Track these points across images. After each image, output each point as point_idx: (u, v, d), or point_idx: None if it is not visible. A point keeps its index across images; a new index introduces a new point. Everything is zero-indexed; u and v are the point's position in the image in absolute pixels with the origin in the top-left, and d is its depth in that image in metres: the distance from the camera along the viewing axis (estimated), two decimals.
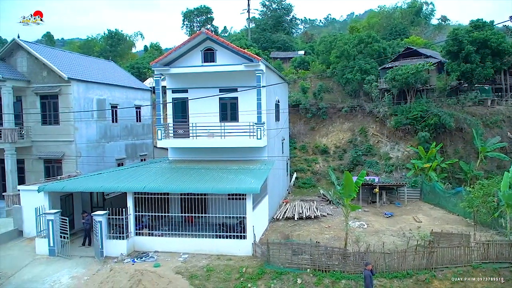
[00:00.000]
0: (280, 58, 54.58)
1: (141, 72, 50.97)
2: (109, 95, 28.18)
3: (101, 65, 32.20)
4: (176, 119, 23.39)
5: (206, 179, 18.94)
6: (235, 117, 22.71)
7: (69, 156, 24.66)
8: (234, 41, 50.53)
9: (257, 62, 21.17)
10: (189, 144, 22.41)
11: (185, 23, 64.54)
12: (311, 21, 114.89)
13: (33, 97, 25.31)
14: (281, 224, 22.65)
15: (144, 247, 18.66)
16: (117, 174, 21.26)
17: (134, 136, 31.29)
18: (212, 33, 27.38)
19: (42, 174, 25.12)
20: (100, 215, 17.94)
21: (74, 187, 19.54)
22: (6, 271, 17.21)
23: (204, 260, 17.28)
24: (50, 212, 18.53)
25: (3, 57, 25.81)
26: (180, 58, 22.66)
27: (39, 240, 18.74)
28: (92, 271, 16.78)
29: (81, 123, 25.19)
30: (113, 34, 64.28)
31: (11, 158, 24.04)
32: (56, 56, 27.13)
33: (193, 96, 22.62)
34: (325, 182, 32.86)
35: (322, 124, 38.48)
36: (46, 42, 65.90)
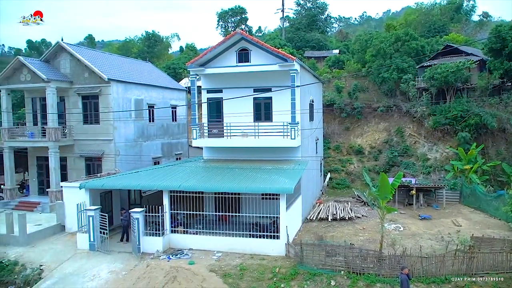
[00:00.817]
0: (314, 57, 54.14)
1: (177, 72, 51.92)
2: (146, 95, 28.92)
3: (139, 66, 33.09)
4: (211, 119, 23.68)
5: (240, 178, 19.08)
6: (269, 117, 22.74)
7: (109, 154, 25.50)
8: (268, 40, 50.58)
9: (292, 62, 21.11)
10: (223, 144, 22.65)
11: (220, 23, 65.18)
12: (346, 19, 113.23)
13: (75, 98, 26.36)
14: (315, 225, 22.50)
15: (179, 244, 19.03)
16: (154, 172, 21.79)
17: (170, 135, 31.95)
18: (247, 33, 27.54)
19: (83, 172, 26.14)
20: (138, 212, 18.46)
21: (113, 184, 20.20)
22: (50, 264, 18.03)
23: (237, 259, 17.43)
24: (91, 208, 19.23)
25: (48, 59, 27.03)
26: (215, 58, 22.92)
27: (80, 235, 19.50)
28: (130, 266, 17.29)
29: (119, 122, 25.99)
30: (150, 35, 65.85)
31: (54, 156, 25.15)
32: (97, 57, 28.13)
33: (227, 96, 22.84)
34: (360, 183, 32.34)
35: (357, 124, 37.89)
36: (87, 44, 68.39)
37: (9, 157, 26.77)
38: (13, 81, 26.21)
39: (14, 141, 26.67)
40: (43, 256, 18.80)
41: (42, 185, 27.97)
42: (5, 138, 26.69)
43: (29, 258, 18.61)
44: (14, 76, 26.08)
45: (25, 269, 17.90)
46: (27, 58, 27.04)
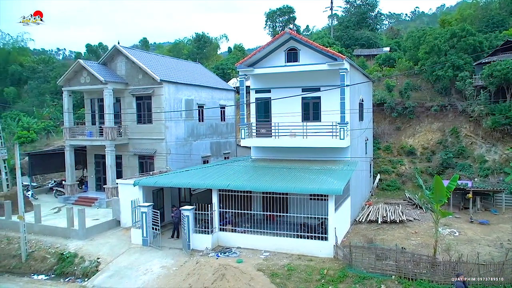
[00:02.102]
0: (363, 55, 52.93)
1: (225, 72, 52.70)
2: (196, 95, 29.62)
3: (189, 67, 33.95)
4: (259, 119, 23.83)
5: (288, 178, 19.06)
6: (318, 116, 22.52)
7: (160, 153, 26.39)
8: (316, 39, 50.06)
9: (341, 60, 20.77)
10: (271, 144, 22.71)
11: (268, 23, 65.35)
12: (397, 16, 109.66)
13: (130, 98, 27.51)
14: (364, 227, 22.02)
15: (228, 242, 19.33)
16: (203, 171, 22.27)
17: (218, 134, 32.52)
18: (295, 32, 27.36)
19: (137, 169, 27.23)
20: (188, 210, 18.96)
21: (164, 182, 20.88)
22: (106, 257, 18.96)
23: (285, 259, 17.43)
24: (144, 205, 20.00)
25: (105, 62, 28.41)
26: (263, 58, 23.04)
27: (134, 230, 20.33)
28: (180, 262, 17.79)
29: (171, 122, 26.81)
30: (200, 37, 67.28)
31: (111, 154, 26.40)
32: (150, 59, 29.18)
33: (276, 96, 22.88)
34: (411, 185, 31.25)
35: (408, 124, 36.61)
36: (142, 47, 71.06)
37: (70, 154, 28.43)
38: (74, 83, 27.81)
39: (75, 139, 28.29)
40: (100, 249, 19.80)
41: (100, 182, 29.46)
42: (66, 137, 28.39)
43: (87, 251, 19.67)
44: (75, 79, 27.66)
45: (83, 261, 18.94)
46: (87, 61, 28.57)
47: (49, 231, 21.81)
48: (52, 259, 19.61)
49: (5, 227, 22.81)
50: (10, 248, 20.85)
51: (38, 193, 30.77)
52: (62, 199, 28.44)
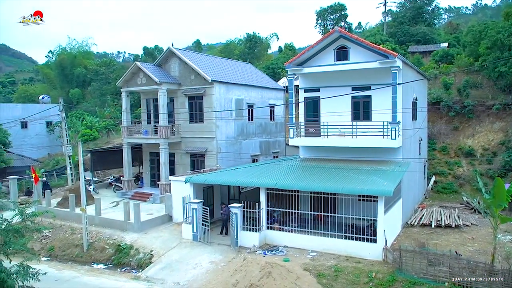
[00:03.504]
0: (419, 52, 50.83)
1: (275, 72, 52.87)
2: (246, 95, 30.07)
3: (239, 67, 34.51)
4: (308, 118, 23.76)
5: (336, 178, 18.88)
6: (368, 116, 22.07)
7: (211, 151, 27.11)
8: (368, 37, 48.83)
9: (393, 58, 20.21)
10: (320, 143, 22.59)
11: (319, 21, 64.62)
12: (456, 9, 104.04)
13: (183, 98, 28.49)
14: (416, 231, 21.28)
15: (275, 241, 19.51)
16: (252, 169, 22.60)
17: (267, 134, 32.79)
18: (346, 30, 27.00)
19: (188, 167, 28.17)
20: (236, 208, 19.36)
21: (214, 180, 21.46)
22: (159, 251, 19.84)
23: (332, 260, 17.31)
24: (195, 201, 20.69)
25: (160, 63, 29.65)
26: (313, 57, 22.94)
27: (185, 226, 21.09)
28: (228, 258, 18.23)
29: (221, 121, 27.44)
30: (251, 37, 67.96)
31: (164, 151, 27.52)
32: (202, 60, 30.05)
33: (325, 95, 22.71)
34: (469, 188, 29.68)
35: (467, 124, 34.73)
36: (195, 49, 73.10)
37: (127, 152, 29.98)
38: (131, 84, 29.28)
39: (132, 138, 29.79)
40: (153, 242, 20.75)
41: (154, 178, 30.79)
42: (124, 135, 29.98)
43: (141, 243, 20.69)
44: (132, 80, 29.12)
45: (138, 253, 19.95)
46: (143, 63, 29.94)
47: (108, 223, 23.18)
48: (110, 250, 20.83)
49: (69, 218, 24.53)
50: (73, 238, 22.41)
51: (99, 188, 32.74)
52: (120, 194, 30.05)
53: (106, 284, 17.41)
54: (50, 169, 40.67)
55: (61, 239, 22.58)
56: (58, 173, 39.04)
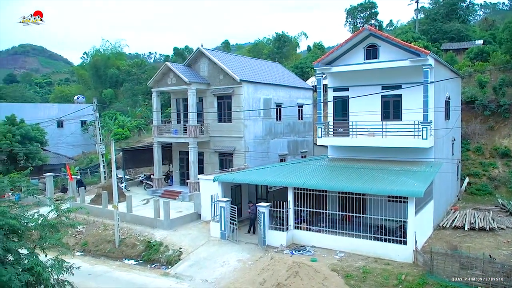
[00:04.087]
0: (452, 49, 49.33)
1: (304, 71, 52.64)
2: (274, 94, 30.09)
3: (267, 67, 34.57)
4: (336, 117, 23.55)
5: (365, 178, 18.64)
6: (398, 115, 21.66)
7: (239, 150, 27.30)
8: (399, 34, 47.84)
9: (425, 56, 19.75)
10: (348, 143, 22.35)
11: (348, 20, 63.87)
12: (492, 5, 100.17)
13: (212, 98, 28.83)
14: (448, 233, 20.72)
15: (302, 240, 19.47)
16: (279, 169, 22.62)
17: (295, 133, 32.70)
18: (376, 28, 26.58)
19: (217, 166, 28.48)
20: (264, 207, 19.44)
21: (242, 179, 21.61)
22: (187, 248, 20.18)
23: (360, 261, 17.11)
24: (223, 200, 20.91)
25: (190, 64, 30.11)
26: (341, 56, 22.72)
27: (213, 224, 21.35)
28: (255, 257, 18.33)
29: (249, 120, 27.59)
30: (280, 36, 67.89)
31: (193, 150, 27.93)
32: (230, 60, 30.29)
33: (354, 94, 22.45)
34: (505, 190, 28.59)
35: (503, 123, 33.44)
36: (223, 49, 73.72)
37: (158, 151, 30.61)
38: (162, 84, 29.87)
39: (162, 137, 30.39)
40: (182, 240, 21.12)
41: (183, 177, 31.30)
42: (154, 134, 30.63)
43: (171, 241, 21.10)
44: (163, 80, 29.70)
45: (167, 250, 20.36)
46: (173, 63, 30.47)
47: (139, 220, 23.77)
48: (141, 246, 21.35)
49: (102, 215, 25.29)
50: (106, 234, 23.10)
51: (130, 186, 33.59)
52: (150, 192, 30.72)
53: (136, 279, 17.86)
54: (84, 167, 42.05)
55: (94, 235, 23.33)
56: (91, 171, 40.34)
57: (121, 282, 17.59)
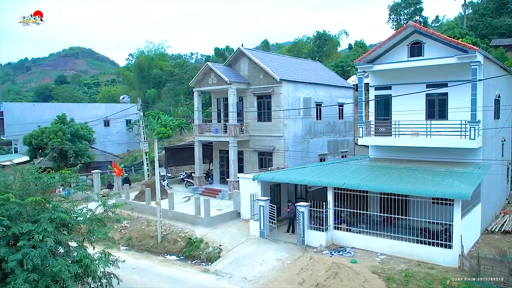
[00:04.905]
0: (503, 45, 46.89)
1: (344, 70, 51.86)
2: (314, 93, 29.87)
3: (307, 66, 34.35)
4: (378, 117, 23.05)
5: (408, 180, 18.13)
6: (444, 114, 20.87)
7: (278, 150, 27.33)
8: (445, 31, 46.00)
9: (473, 52, 18.92)
10: (391, 143, 21.80)
11: (391, 17, 62.15)
12: None
13: (252, 97, 29.03)
14: (497, 238, 19.74)
15: (342, 241, 19.22)
16: (319, 168, 22.44)
17: (336, 133, 32.30)
18: (421, 25, 25.72)
19: (256, 165, 28.65)
20: (303, 206, 19.36)
21: (281, 178, 21.64)
22: (227, 246, 20.46)
23: (402, 264, 16.67)
24: (262, 199, 21.02)
25: (230, 63, 30.48)
26: (384, 54, 22.20)
27: (253, 223, 21.51)
28: (294, 257, 18.30)
29: (289, 120, 27.56)
30: (320, 35, 67.22)
31: (233, 149, 28.26)
32: (270, 60, 30.38)
33: (397, 93, 21.86)
34: None
35: None
36: (263, 48, 73.98)
37: (199, 149, 31.22)
38: (203, 84, 30.43)
39: (203, 135, 30.97)
40: (222, 237, 21.43)
41: (223, 175, 31.73)
42: (196, 133, 31.26)
43: (211, 238, 21.47)
44: (204, 80, 30.25)
45: (208, 247, 20.74)
46: (214, 63, 30.97)
47: (180, 217, 24.36)
48: (182, 243, 21.88)
49: (145, 211, 26.14)
50: (149, 230, 23.86)
51: (172, 183, 34.45)
52: (191, 189, 31.38)
53: (177, 274, 18.33)
54: (128, 164, 43.59)
55: (138, 230, 24.14)
56: (135, 168, 41.75)
57: (163, 277, 18.11)
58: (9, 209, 10.21)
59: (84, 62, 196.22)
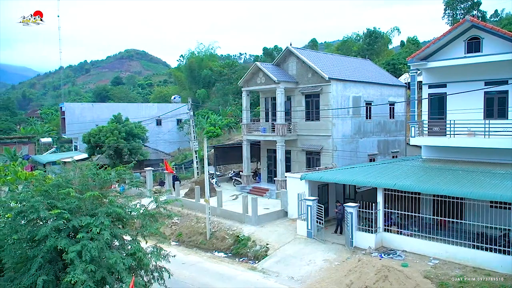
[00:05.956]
0: None
1: (396, 68, 50.27)
2: (364, 92, 29.25)
3: (357, 64, 33.67)
4: (432, 116, 22.16)
5: (464, 182, 17.29)
6: (504, 113, 19.67)
7: (327, 149, 27.05)
8: (506, 25, 43.34)
9: None
10: (445, 143, 20.88)
11: (447, 12, 59.31)
12: None
13: (300, 96, 28.95)
14: None
15: (392, 244, 18.69)
16: (369, 169, 21.95)
17: (386, 132, 31.43)
18: (478, 19, 24.39)
19: (304, 164, 28.54)
20: (352, 207, 19.05)
21: (329, 178, 21.41)
22: (274, 244, 20.55)
23: (456, 269, 15.94)
24: (309, 199, 20.92)
25: (279, 63, 30.57)
26: (438, 51, 21.31)
27: (300, 222, 21.45)
28: (342, 258, 18.05)
29: (337, 119, 27.20)
30: (371, 32, 65.54)
31: (281, 149, 28.32)
32: (319, 58, 30.11)
33: (452, 91, 20.90)
34: None
35: None
36: (311, 47, 73.36)
37: (247, 148, 31.58)
38: (251, 83, 30.74)
39: (251, 135, 31.30)
40: (269, 236, 21.57)
41: (270, 174, 31.89)
42: (244, 132, 31.65)
43: (258, 236, 21.67)
44: (252, 80, 30.56)
45: (255, 245, 20.94)
46: (263, 63, 31.17)
47: (228, 215, 24.79)
48: (230, 240, 22.26)
49: (195, 208, 26.85)
50: (198, 226, 24.49)
51: (220, 181, 35.10)
52: (239, 188, 31.82)
53: (225, 271, 18.68)
54: (179, 162, 44.94)
55: (188, 227, 24.86)
56: (186, 166, 42.96)
57: (211, 272, 18.54)
58: (70, 203, 10.85)
59: (138, 64, 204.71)
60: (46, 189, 11.24)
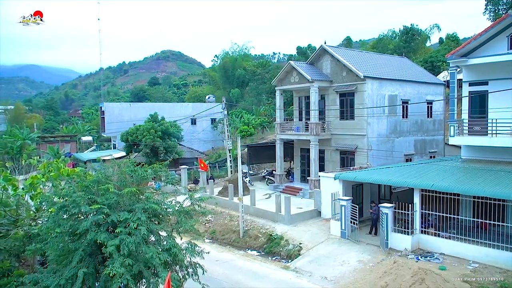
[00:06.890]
0: None
1: (434, 66, 48.76)
2: (400, 91, 28.58)
3: (393, 62, 32.93)
4: (472, 115, 21.37)
5: (507, 183, 16.57)
6: None
7: (361, 149, 26.62)
8: None
9: None
10: (486, 143, 20.06)
11: (488, 7, 56.84)
12: None
13: (334, 95, 28.65)
14: None
15: (429, 246, 18.18)
16: (405, 169, 21.44)
17: (424, 132, 30.57)
18: None
19: (338, 164, 28.22)
20: (387, 208, 18.67)
21: (364, 178, 21.07)
22: (307, 244, 20.47)
23: (498, 274, 15.30)
24: (344, 199, 20.68)
25: (312, 61, 30.38)
26: (479, 47, 20.52)
27: (333, 222, 21.25)
28: (377, 259, 17.73)
29: (373, 118, 26.70)
30: (408, 29, 63.76)
31: (314, 148, 28.15)
32: (353, 57, 29.68)
33: (494, 89, 20.05)
34: None
35: None
36: (345, 45, 72.33)
37: (280, 147, 31.58)
38: (285, 83, 30.72)
39: (284, 134, 31.28)
40: (302, 235, 21.49)
41: (304, 174, 31.74)
42: (277, 132, 31.67)
43: (291, 235, 21.64)
44: (286, 79, 30.52)
45: (288, 244, 20.93)
46: (296, 62, 31.10)
47: (261, 213, 24.89)
48: (263, 239, 22.35)
49: (228, 206, 27.13)
50: (231, 224, 24.74)
51: (253, 180, 35.28)
52: (272, 187, 31.86)
53: (258, 269, 18.77)
54: (213, 161, 45.51)
55: (221, 224, 25.15)
56: (219, 165, 43.46)
57: (244, 270, 18.68)
58: (109, 198, 11.25)
59: (174, 65, 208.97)
60: (87, 185, 11.70)
